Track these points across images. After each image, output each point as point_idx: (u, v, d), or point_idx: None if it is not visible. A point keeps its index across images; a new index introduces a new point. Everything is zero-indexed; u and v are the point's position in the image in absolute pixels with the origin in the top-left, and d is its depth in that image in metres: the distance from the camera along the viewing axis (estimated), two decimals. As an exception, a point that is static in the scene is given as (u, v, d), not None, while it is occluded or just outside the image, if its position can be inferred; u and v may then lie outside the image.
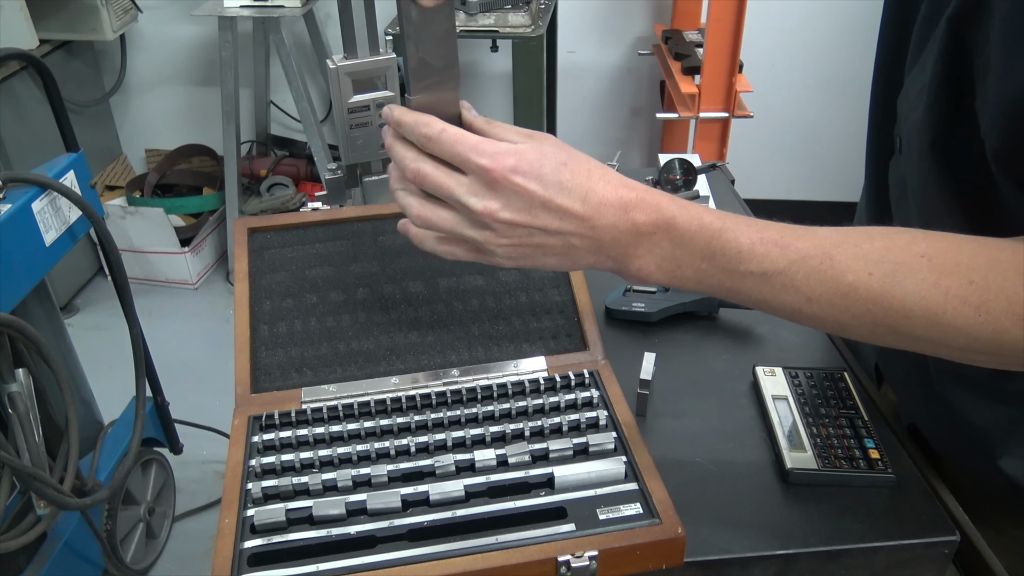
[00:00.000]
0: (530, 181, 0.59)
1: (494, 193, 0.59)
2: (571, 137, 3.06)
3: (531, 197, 0.59)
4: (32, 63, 1.46)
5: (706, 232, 0.59)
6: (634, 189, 0.60)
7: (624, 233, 0.59)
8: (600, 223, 0.59)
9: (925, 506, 0.73)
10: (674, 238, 0.60)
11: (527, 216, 0.59)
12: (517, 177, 0.58)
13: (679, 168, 1.07)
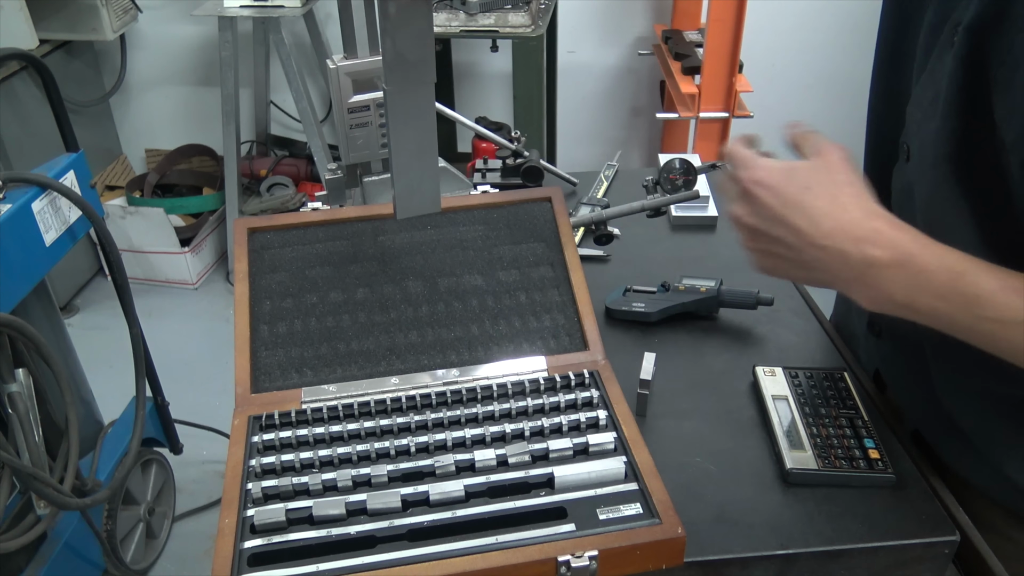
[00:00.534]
0: (770, 196, 0.64)
1: (742, 200, 0.67)
2: (571, 137, 3.06)
3: (769, 210, 0.64)
4: (32, 63, 1.46)
5: (947, 273, 0.59)
6: (873, 220, 0.61)
7: (857, 263, 0.61)
8: (831, 249, 0.61)
9: (925, 506, 0.73)
10: (911, 274, 0.60)
11: (766, 226, 0.65)
12: (759, 190, 0.65)
13: (679, 168, 1.07)
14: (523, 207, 0.92)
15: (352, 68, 0.93)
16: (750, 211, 0.66)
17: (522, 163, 1.26)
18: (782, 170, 0.66)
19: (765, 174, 0.65)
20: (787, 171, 0.65)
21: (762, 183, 0.65)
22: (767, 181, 0.65)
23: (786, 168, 0.66)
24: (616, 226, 1.09)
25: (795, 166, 0.66)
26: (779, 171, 0.66)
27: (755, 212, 0.66)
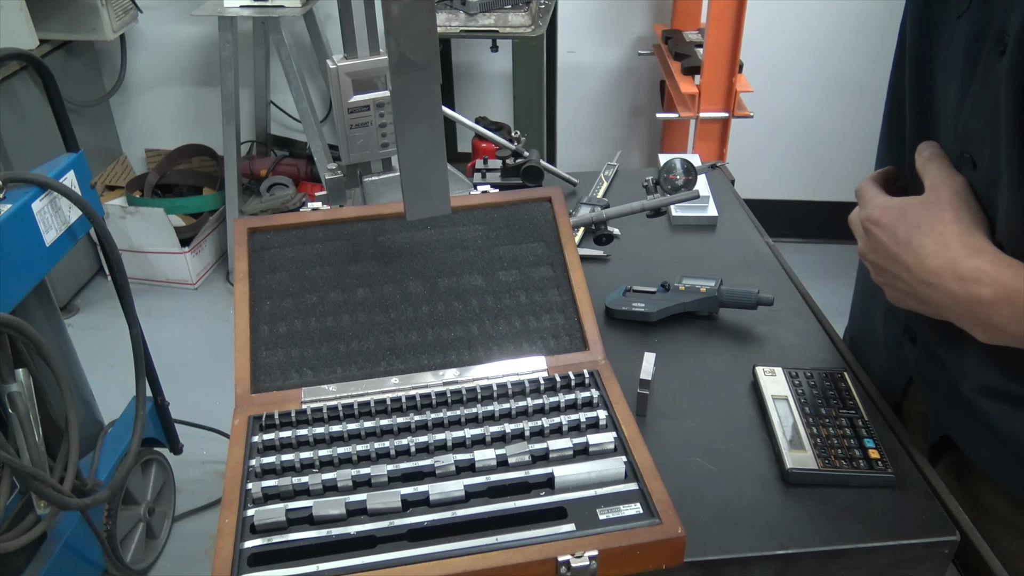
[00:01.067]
0: (884, 234, 0.68)
1: (865, 237, 0.71)
2: (571, 137, 3.06)
3: (884, 248, 0.68)
4: (32, 63, 1.46)
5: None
6: (976, 258, 0.63)
7: (964, 301, 0.63)
8: (938, 287, 0.64)
9: (925, 506, 0.73)
10: (1018, 309, 0.61)
11: (885, 262, 0.69)
12: (877, 230, 0.69)
13: (679, 168, 1.07)
14: (523, 207, 0.92)
15: (352, 68, 0.93)
16: (870, 248, 0.70)
17: (522, 163, 1.26)
18: (896, 208, 0.69)
19: (880, 213, 0.69)
20: (900, 209, 0.68)
21: (877, 222, 0.69)
22: (881, 220, 0.69)
23: (899, 206, 0.69)
24: (616, 226, 1.09)
25: (908, 204, 0.68)
26: (893, 210, 0.69)
27: (873, 249, 0.70)
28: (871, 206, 0.71)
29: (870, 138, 2.97)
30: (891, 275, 0.69)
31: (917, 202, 0.68)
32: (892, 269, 0.69)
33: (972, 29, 0.66)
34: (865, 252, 0.72)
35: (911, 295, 0.68)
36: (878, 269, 0.71)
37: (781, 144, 2.99)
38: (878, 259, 0.70)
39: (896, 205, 0.69)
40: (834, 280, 2.98)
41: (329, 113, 3.04)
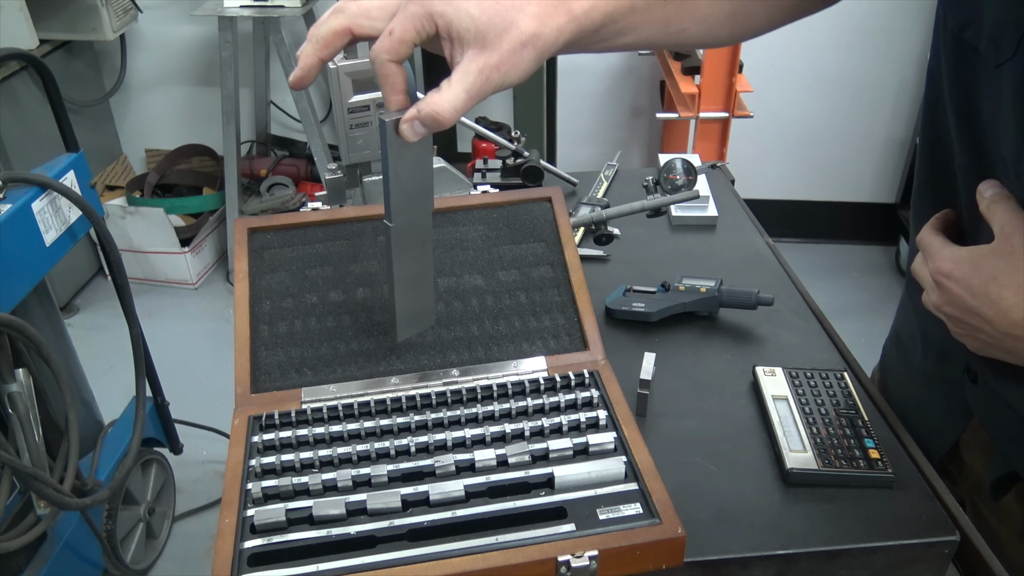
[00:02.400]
0: (960, 288, 0.65)
1: (938, 291, 0.68)
2: (571, 137, 3.06)
3: (962, 302, 0.65)
4: (32, 63, 1.46)
5: None
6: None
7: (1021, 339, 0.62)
8: (1016, 334, 0.62)
9: (925, 506, 0.73)
10: None
11: (962, 314, 0.66)
12: (950, 283, 0.66)
13: (679, 168, 1.07)
14: (523, 207, 0.92)
15: (352, 68, 0.93)
16: (944, 301, 0.68)
17: (522, 163, 1.26)
18: (968, 260, 0.66)
19: (952, 266, 0.66)
20: (972, 261, 0.66)
21: (949, 275, 0.66)
22: (954, 273, 0.66)
23: (971, 258, 0.66)
24: (616, 226, 1.09)
25: (980, 254, 0.66)
26: (965, 262, 0.66)
27: (948, 302, 0.67)
28: (940, 258, 0.68)
29: (870, 138, 3.00)
30: (972, 327, 0.67)
31: (989, 251, 0.65)
32: (972, 322, 0.66)
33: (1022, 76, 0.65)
34: (940, 305, 0.69)
35: (996, 345, 0.66)
36: (955, 322, 0.68)
37: (781, 144, 2.99)
38: (955, 312, 0.67)
39: (967, 256, 0.66)
40: (834, 280, 2.99)
41: (329, 113, 3.04)
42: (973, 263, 0.65)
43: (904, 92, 2.86)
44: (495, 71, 0.59)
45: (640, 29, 0.69)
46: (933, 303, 0.69)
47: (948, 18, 0.73)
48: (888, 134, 2.95)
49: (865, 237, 3.12)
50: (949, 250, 0.68)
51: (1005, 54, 0.65)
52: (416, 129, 0.62)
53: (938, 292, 0.68)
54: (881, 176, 3.04)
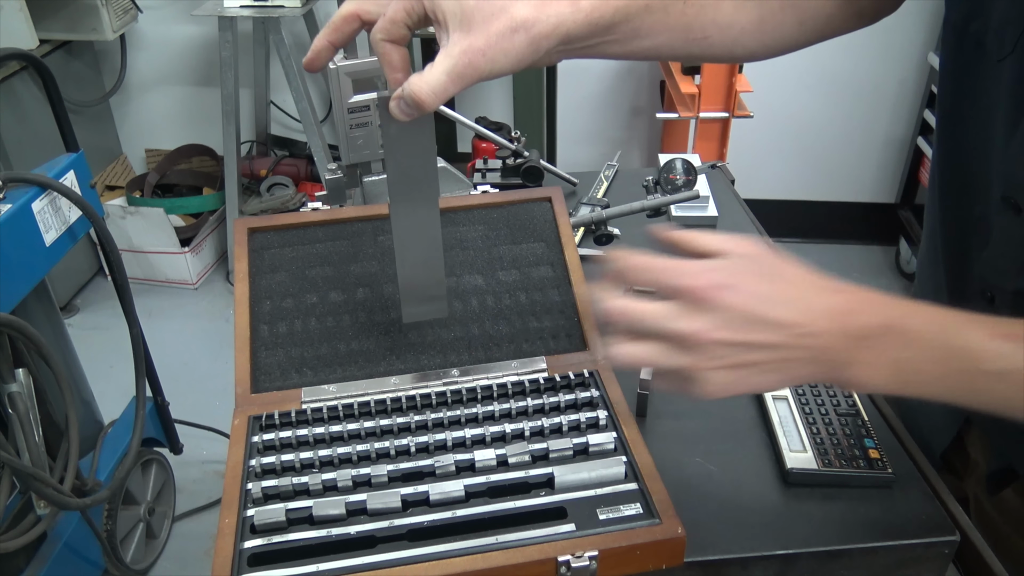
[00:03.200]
0: (740, 296, 0.55)
1: (703, 313, 0.55)
2: (571, 137, 3.06)
3: (743, 312, 0.55)
4: (32, 63, 1.46)
5: (937, 330, 0.55)
6: (848, 291, 0.57)
7: (843, 338, 0.56)
8: (816, 330, 0.56)
9: (925, 506, 0.73)
10: (904, 340, 0.55)
11: (740, 333, 0.55)
12: (726, 293, 0.55)
13: (679, 168, 1.07)
14: (523, 207, 0.92)
15: (352, 68, 0.93)
16: (715, 323, 0.55)
17: (522, 163, 1.26)
18: (735, 264, 0.57)
19: (724, 275, 0.56)
20: (741, 264, 0.57)
21: (726, 285, 0.55)
22: (731, 282, 0.56)
23: (738, 261, 0.57)
24: (616, 226, 1.09)
25: (746, 256, 0.58)
26: (734, 266, 0.57)
27: (723, 321, 0.55)
28: (697, 271, 0.56)
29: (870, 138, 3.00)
30: (746, 348, 0.56)
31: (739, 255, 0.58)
32: (753, 338, 0.55)
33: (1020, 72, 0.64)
34: (706, 331, 0.55)
35: (771, 364, 0.56)
36: (724, 349, 0.55)
37: (781, 144, 2.99)
38: (730, 332, 0.55)
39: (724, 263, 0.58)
40: (834, 280, 2.99)
41: (329, 113, 3.04)
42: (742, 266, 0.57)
43: (904, 92, 2.86)
44: (480, 55, 0.57)
45: (658, 33, 0.66)
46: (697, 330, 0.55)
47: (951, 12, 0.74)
48: (888, 134, 2.95)
49: (865, 237, 3.12)
50: (698, 262, 0.58)
51: (1007, 49, 0.66)
52: (402, 108, 0.60)
53: (701, 315, 0.56)
54: (881, 176, 3.04)
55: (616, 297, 0.59)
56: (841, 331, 0.56)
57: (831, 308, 0.56)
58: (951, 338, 0.55)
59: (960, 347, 0.55)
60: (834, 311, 0.56)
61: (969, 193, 0.75)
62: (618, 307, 0.59)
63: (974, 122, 0.72)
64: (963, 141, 0.75)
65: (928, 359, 0.56)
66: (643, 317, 0.57)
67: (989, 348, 0.54)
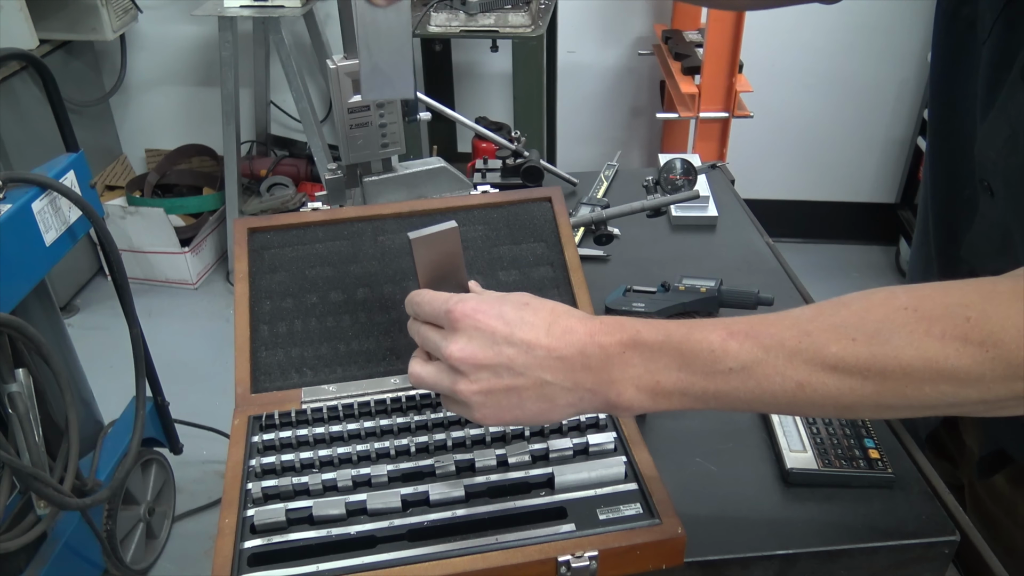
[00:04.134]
0: (491, 318, 0.59)
1: (458, 333, 0.60)
2: (571, 137, 3.06)
3: (493, 332, 0.59)
4: (32, 63, 1.46)
5: (673, 339, 0.57)
6: (596, 318, 0.60)
7: (593, 358, 0.58)
8: (567, 352, 0.58)
9: (925, 506, 0.73)
10: (643, 353, 0.57)
11: (491, 352, 0.58)
12: (479, 315, 0.59)
13: (679, 168, 1.07)
14: (523, 207, 0.92)
15: (352, 68, 0.93)
16: (467, 341, 0.59)
17: (522, 163, 1.26)
18: (494, 296, 0.62)
19: (478, 301, 0.60)
20: (499, 296, 0.62)
21: (479, 309, 0.59)
22: (483, 307, 0.60)
23: (497, 295, 0.62)
24: (616, 226, 1.09)
25: (503, 294, 0.63)
26: (491, 296, 0.62)
27: (474, 340, 0.59)
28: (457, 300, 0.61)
29: (870, 138, 3.00)
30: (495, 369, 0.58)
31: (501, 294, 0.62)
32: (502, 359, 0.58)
33: (993, 58, 0.65)
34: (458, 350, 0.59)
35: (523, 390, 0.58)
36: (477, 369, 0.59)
37: (781, 144, 2.99)
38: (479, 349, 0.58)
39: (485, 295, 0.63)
40: (834, 280, 2.99)
41: (329, 113, 3.04)
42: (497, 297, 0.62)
43: (904, 92, 2.86)
44: None
45: None
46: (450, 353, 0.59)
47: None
48: (888, 134, 2.95)
49: (865, 237, 3.12)
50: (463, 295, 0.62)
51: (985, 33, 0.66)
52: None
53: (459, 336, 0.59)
54: (881, 176, 3.04)
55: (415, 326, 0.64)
56: (590, 350, 0.57)
57: (579, 329, 0.58)
58: (684, 344, 0.56)
59: (695, 352, 0.56)
60: (582, 332, 0.58)
61: (959, 178, 0.76)
62: (415, 331, 0.64)
63: (963, 107, 0.73)
64: (953, 126, 0.76)
65: (670, 367, 0.56)
66: (426, 338, 0.62)
67: (727, 347, 0.55)
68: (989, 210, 0.71)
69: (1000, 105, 0.65)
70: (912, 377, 0.51)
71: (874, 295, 0.54)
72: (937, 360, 0.50)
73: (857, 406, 0.54)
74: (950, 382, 0.51)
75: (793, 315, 0.56)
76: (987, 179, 0.68)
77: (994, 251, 0.72)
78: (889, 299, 0.53)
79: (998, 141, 0.65)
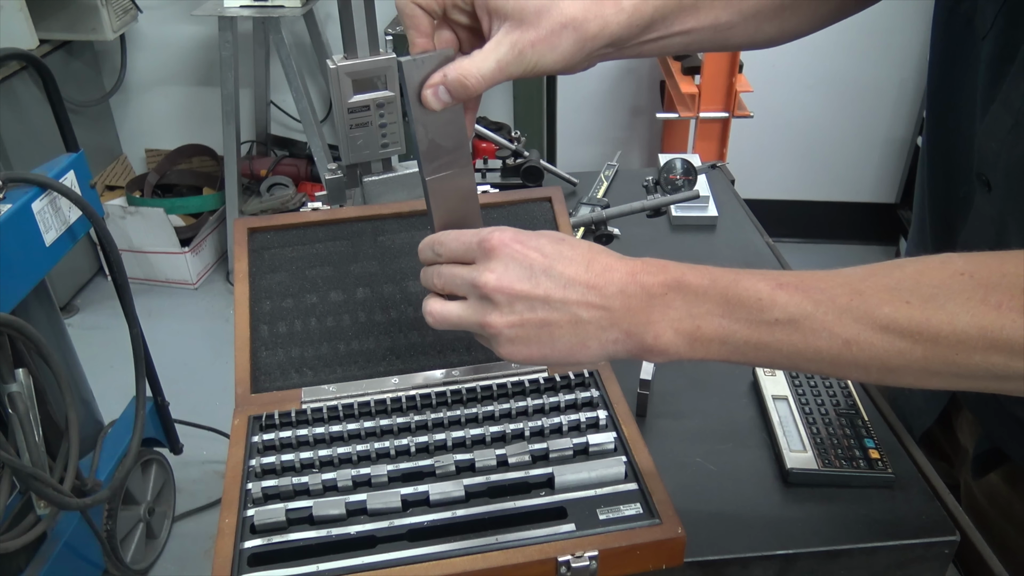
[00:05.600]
0: (530, 249, 0.57)
1: (494, 262, 0.57)
2: (571, 137, 3.06)
3: (531, 264, 0.57)
4: (32, 63, 1.46)
5: (720, 283, 0.55)
6: (633, 259, 0.59)
7: (634, 298, 0.56)
8: (608, 290, 0.56)
9: (925, 506, 0.73)
10: (687, 295, 0.56)
11: (529, 284, 0.56)
12: (516, 244, 0.57)
13: (679, 168, 1.07)
14: (523, 207, 0.92)
15: (352, 68, 0.93)
16: (504, 270, 0.57)
17: (522, 163, 1.26)
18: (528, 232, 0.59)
19: (515, 232, 0.58)
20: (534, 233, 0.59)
21: (517, 239, 0.58)
22: (521, 237, 0.58)
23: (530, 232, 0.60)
24: (616, 226, 1.09)
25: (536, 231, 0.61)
26: (527, 232, 0.59)
27: (511, 270, 0.57)
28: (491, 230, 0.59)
29: (870, 138, 2.99)
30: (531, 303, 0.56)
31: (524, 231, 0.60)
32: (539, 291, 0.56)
33: (995, 51, 0.65)
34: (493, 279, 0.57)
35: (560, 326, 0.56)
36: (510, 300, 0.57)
37: (781, 144, 2.99)
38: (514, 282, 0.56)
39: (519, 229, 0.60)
40: (834, 280, 2.99)
41: (329, 113, 3.04)
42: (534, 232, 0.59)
43: (904, 92, 2.86)
44: (530, 47, 0.59)
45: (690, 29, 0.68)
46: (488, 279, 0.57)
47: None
48: (888, 134, 2.95)
49: (865, 237, 3.12)
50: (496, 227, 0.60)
51: (986, 27, 0.66)
52: (440, 96, 0.60)
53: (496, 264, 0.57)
54: (881, 176, 3.04)
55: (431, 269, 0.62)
56: (631, 290, 0.56)
57: (620, 268, 0.57)
58: (730, 290, 0.55)
59: (741, 299, 0.54)
60: (623, 271, 0.57)
61: (955, 175, 0.76)
62: (433, 272, 0.62)
63: (960, 103, 0.73)
64: (950, 123, 0.76)
65: (712, 313, 0.55)
66: (452, 276, 0.60)
67: (775, 298, 0.53)
68: (984, 205, 0.71)
69: (1003, 97, 0.65)
70: (964, 344, 0.50)
71: (929, 260, 0.53)
72: (992, 329, 0.49)
73: (902, 370, 0.52)
74: (1002, 353, 0.49)
75: (844, 273, 0.55)
76: (986, 172, 0.69)
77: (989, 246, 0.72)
78: (945, 264, 0.52)
79: (1001, 132, 0.66)
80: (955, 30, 0.73)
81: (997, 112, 0.66)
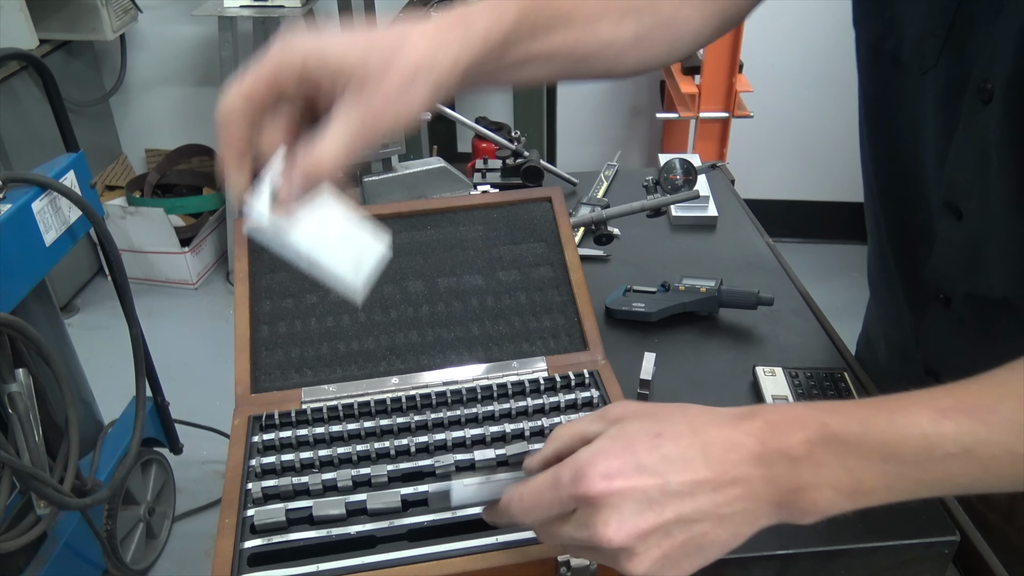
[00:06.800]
0: (631, 477, 0.48)
1: (603, 513, 0.48)
2: (571, 137, 3.06)
3: (644, 491, 0.48)
4: (32, 63, 1.46)
5: (874, 428, 0.48)
6: (752, 416, 0.50)
7: (775, 467, 0.48)
8: (740, 474, 0.48)
9: (925, 506, 0.73)
10: (837, 449, 0.48)
11: (653, 514, 0.48)
12: (616, 482, 0.48)
13: (679, 168, 1.07)
14: (523, 207, 0.92)
15: (352, 68, 0.93)
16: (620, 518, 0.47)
17: (522, 163, 1.26)
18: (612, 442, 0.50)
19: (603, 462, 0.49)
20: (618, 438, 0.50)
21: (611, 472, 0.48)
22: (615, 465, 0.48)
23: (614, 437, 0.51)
24: (616, 226, 1.09)
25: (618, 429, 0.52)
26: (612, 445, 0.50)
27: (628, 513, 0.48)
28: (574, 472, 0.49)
29: (870, 138, 2.85)
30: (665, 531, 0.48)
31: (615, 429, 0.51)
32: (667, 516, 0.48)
33: (946, 82, 0.66)
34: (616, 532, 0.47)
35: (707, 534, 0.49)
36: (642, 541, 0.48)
37: (781, 144, 2.99)
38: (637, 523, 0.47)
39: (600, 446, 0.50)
40: (834, 280, 2.98)
41: (329, 113, 3.04)
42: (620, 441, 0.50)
43: (904, 92, 2.86)
44: (381, 114, 0.50)
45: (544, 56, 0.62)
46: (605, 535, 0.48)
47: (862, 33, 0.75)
48: (888, 134, 2.95)
49: (865, 237, 3.12)
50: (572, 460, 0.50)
51: (928, 62, 0.66)
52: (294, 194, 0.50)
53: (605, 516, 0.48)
54: (881, 176, 3.04)
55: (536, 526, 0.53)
56: (760, 462, 0.49)
57: (737, 445, 0.49)
58: (891, 432, 0.49)
59: (907, 438, 0.48)
60: (743, 446, 0.49)
61: (909, 202, 0.76)
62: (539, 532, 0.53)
63: (903, 132, 0.74)
64: (895, 150, 0.76)
65: (872, 460, 0.49)
66: (562, 536, 0.51)
67: (942, 430, 0.48)
68: (952, 233, 0.71)
69: (964, 128, 0.65)
70: None
71: None
72: None
73: None
74: None
75: (999, 377, 0.49)
76: (956, 200, 0.69)
77: (963, 272, 0.72)
78: None
79: (968, 163, 0.66)
80: (884, 71, 0.74)
81: (962, 142, 0.66)
